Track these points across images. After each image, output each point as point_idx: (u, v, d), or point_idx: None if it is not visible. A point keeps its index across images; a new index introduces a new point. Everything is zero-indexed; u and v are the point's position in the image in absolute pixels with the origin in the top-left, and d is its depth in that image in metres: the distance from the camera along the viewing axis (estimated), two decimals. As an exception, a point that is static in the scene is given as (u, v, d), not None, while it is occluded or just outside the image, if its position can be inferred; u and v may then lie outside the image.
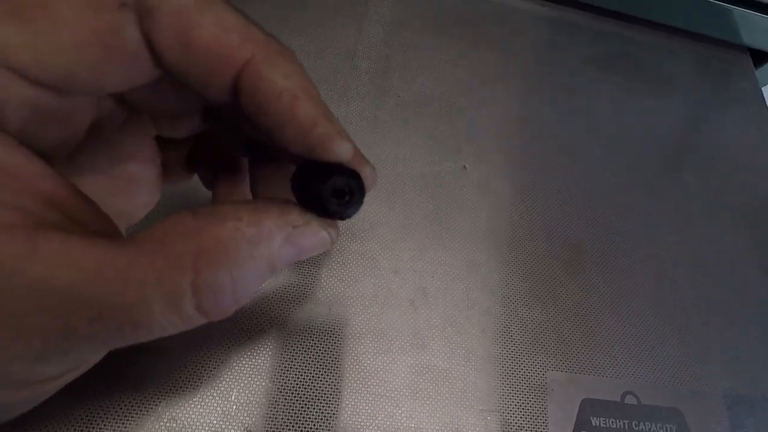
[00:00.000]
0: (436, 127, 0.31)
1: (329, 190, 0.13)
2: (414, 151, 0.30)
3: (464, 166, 0.30)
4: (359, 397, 0.23)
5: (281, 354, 0.23)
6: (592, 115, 0.35)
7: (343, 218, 0.14)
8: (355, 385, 0.23)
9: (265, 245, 0.13)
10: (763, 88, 0.41)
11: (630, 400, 0.26)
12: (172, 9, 0.12)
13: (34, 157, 0.12)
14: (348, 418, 0.22)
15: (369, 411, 0.23)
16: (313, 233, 0.14)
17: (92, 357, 0.13)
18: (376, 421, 0.23)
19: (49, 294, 0.10)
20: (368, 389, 0.23)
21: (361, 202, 0.14)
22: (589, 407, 0.26)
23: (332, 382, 0.23)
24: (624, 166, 0.34)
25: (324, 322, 0.24)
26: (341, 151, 0.13)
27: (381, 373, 0.24)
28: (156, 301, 0.11)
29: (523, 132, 0.33)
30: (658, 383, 0.27)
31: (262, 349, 0.23)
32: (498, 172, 0.31)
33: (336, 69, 0.32)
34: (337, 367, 0.23)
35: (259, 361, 0.23)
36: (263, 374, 0.22)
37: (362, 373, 0.23)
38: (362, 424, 0.22)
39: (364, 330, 0.24)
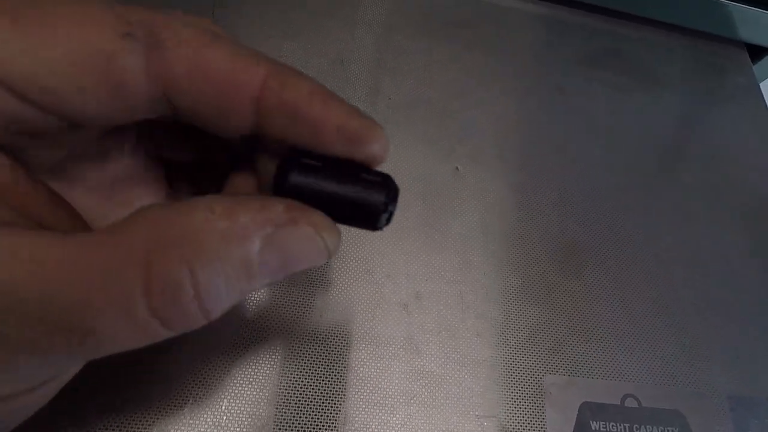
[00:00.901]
0: (428, 129, 0.31)
1: (382, 200, 0.12)
2: (406, 153, 0.30)
3: (457, 168, 0.30)
4: (352, 405, 0.23)
5: (272, 362, 0.23)
6: (586, 115, 0.35)
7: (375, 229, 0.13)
8: (347, 392, 0.23)
9: (239, 244, 0.11)
10: (761, 84, 0.41)
11: (630, 402, 0.26)
12: (183, 40, 0.12)
13: (2, 159, 0.11)
14: (341, 427, 0.22)
15: (362, 419, 0.22)
16: (303, 236, 0.12)
17: (53, 370, 0.12)
18: (370, 429, 0.22)
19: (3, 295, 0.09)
20: (361, 396, 0.23)
21: (393, 212, 0.13)
22: (588, 411, 0.25)
23: (324, 390, 0.23)
24: (620, 165, 0.33)
25: (315, 328, 0.24)
26: (381, 143, 0.13)
27: (374, 379, 0.23)
28: (103, 301, 0.10)
29: (517, 132, 0.33)
30: (659, 385, 0.26)
31: (252, 357, 0.23)
32: (491, 174, 0.30)
33: (326, 73, 0.31)
34: (329, 375, 0.23)
35: (250, 369, 0.22)
36: (254, 383, 0.22)
37: (355, 380, 0.23)
38: (355, 432, 0.22)
39: (356, 336, 0.24)
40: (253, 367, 0.22)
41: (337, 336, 0.24)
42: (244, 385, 0.22)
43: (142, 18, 0.12)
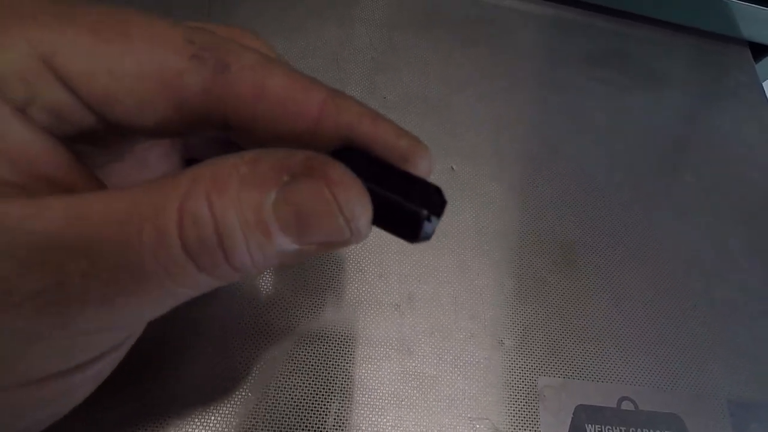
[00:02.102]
0: (423, 128, 0.31)
1: (426, 212, 0.12)
2: (401, 153, 0.30)
3: (452, 167, 0.30)
4: (343, 406, 0.22)
5: (261, 362, 0.23)
6: (586, 114, 0.35)
7: (422, 240, 0.13)
8: (338, 393, 0.23)
9: (255, 188, 0.11)
10: (763, 83, 0.40)
11: (627, 405, 0.25)
12: (246, 65, 0.12)
13: (50, 140, 0.12)
14: (330, 429, 0.22)
15: (353, 420, 0.22)
16: (313, 190, 0.11)
17: (98, 341, 0.12)
18: (360, 431, 0.22)
19: (45, 250, 0.10)
20: (352, 398, 0.23)
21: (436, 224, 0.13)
22: (583, 414, 0.25)
23: (315, 390, 0.22)
24: (620, 164, 0.33)
25: (306, 328, 0.24)
26: (427, 159, 0.13)
27: (365, 380, 0.23)
28: (149, 235, 0.10)
29: (514, 131, 0.32)
30: (656, 388, 0.26)
31: (241, 357, 0.22)
32: (487, 173, 0.30)
33: (322, 71, 0.31)
34: (319, 376, 0.23)
35: (238, 369, 0.22)
36: (243, 383, 0.22)
37: (346, 382, 0.23)
38: (345, 433, 0.22)
39: (347, 337, 0.24)
40: (242, 366, 0.22)
41: (327, 336, 0.24)
42: (232, 385, 0.22)
43: (207, 40, 0.12)
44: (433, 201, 0.13)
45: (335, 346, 0.23)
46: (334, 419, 0.22)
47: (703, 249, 0.31)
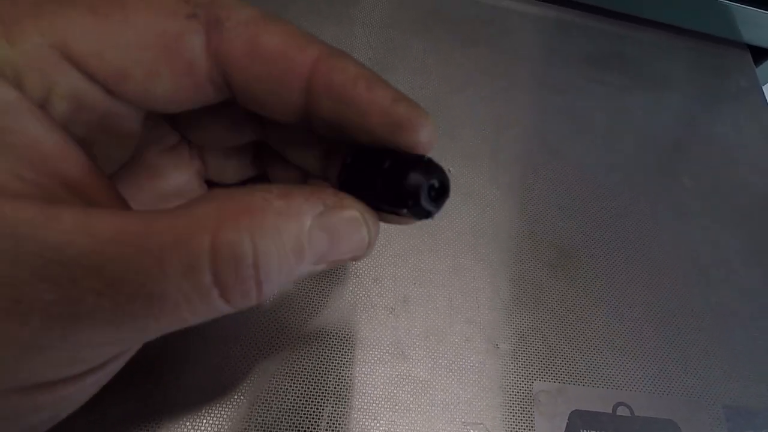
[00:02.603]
0: (421, 130, 0.31)
1: (427, 189, 0.12)
2: (397, 154, 0.29)
3: (449, 169, 0.29)
4: (336, 410, 0.22)
5: (253, 365, 0.22)
6: (585, 116, 0.34)
7: (425, 218, 0.13)
8: (331, 397, 0.22)
9: (294, 220, 0.11)
10: (763, 87, 0.40)
11: (622, 411, 0.25)
12: (241, 20, 0.12)
13: (68, 140, 0.12)
14: (323, 432, 0.22)
15: (345, 424, 0.22)
16: (350, 220, 0.12)
17: (92, 356, 0.12)
18: (352, 435, 0.22)
19: (57, 262, 0.10)
20: (344, 401, 0.22)
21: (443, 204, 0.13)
22: (578, 419, 0.24)
23: (306, 393, 0.22)
24: (618, 167, 0.33)
25: (299, 331, 0.23)
26: (427, 127, 0.12)
27: (358, 384, 0.23)
28: (172, 265, 0.10)
29: (512, 133, 0.32)
30: (652, 394, 0.26)
31: (233, 360, 0.22)
32: (484, 175, 0.30)
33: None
34: (312, 379, 0.22)
35: (231, 371, 0.22)
36: (235, 385, 0.22)
37: (339, 385, 0.23)
38: (337, 438, 0.22)
39: (341, 340, 0.24)
40: (235, 369, 0.22)
41: (321, 339, 0.23)
42: (224, 387, 0.22)
43: (203, 0, 0.12)
44: (425, 169, 0.12)
45: (329, 349, 0.23)
46: (327, 423, 0.22)
47: (701, 253, 0.31)
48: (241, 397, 0.21)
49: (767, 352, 0.28)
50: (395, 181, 0.12)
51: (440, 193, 0.13)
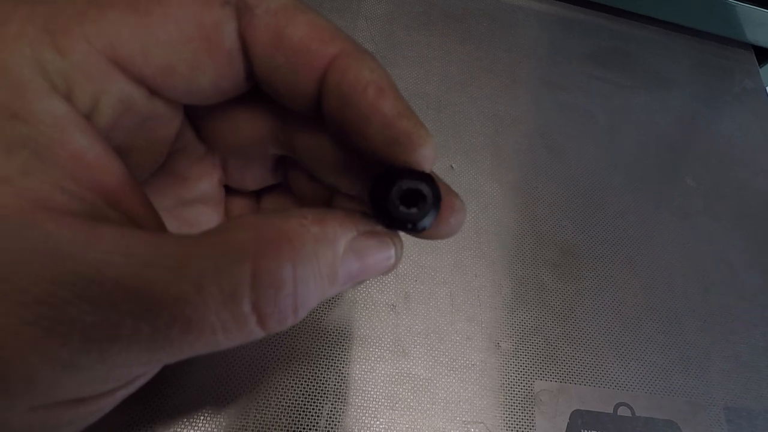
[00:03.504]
0: (423, 125, 0.30)
1: (397, 193, 0.12)
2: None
3: (451, 166, 0.29)
4: (335, 408, 0.22)
5: (253, 362, 0.22)
6: (588, 114, 0.34)
7: (414, 229, 0.12)
8: (331, 394, 0.22)
9: (330, 246, 0.12)
10: (767, 87, 0.40)
11: (623, 411, 0.25)
12: (270, 8, 0.12)
13: (110, 152, 0.12)
14: (323, 430, 0.21)
15: (345, 422, 0.22)
16: (378, 243, 0.13)
17: (126, 373, 0.12)
18: (352, 433, 0.21)
19: (98, 284, 0.10)
20: (345, 399, 0.22)
21: (435, 211, 0.12)
22: (579, 419, 0.24)
23: (307, 391, 0.22)
24: (621, 166, 0.33)
25: (299, 328, 0.23)
26: (427, 148, 0.12)
27: (359, 381, 0.23)
28: (211, 293, 0.10)
29: (514, 130, 0.32)
30: (653, 394, 0.26)
31: (232, 357, 0.22)
32: (486, 172, 0.30)
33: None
34: (311, 376, 0.22)
35: (230, 369, 0.22)
36: (234, 383, 0.21)
37: (339, 382, 0.22)
38: (337, 436, 0.21)
39: (341, 336, 0.23)
40: (233, 366, 0.22)
41: (321, 336, 0.23)
42: (223, 385, 0.21)
43: None
44: (421, 193, 0.12)
45: (329, 346, 0.23)
46: (327, 420, 0.22)
47: (703, 254, 0.31)
48: (241, 395, 0.21)
49: (767, 354, 0.28)
50: (371, 196, 0.13)
51: (416, 200, 0.12)
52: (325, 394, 0.22)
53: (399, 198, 0.12)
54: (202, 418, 0.20)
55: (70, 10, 0.11)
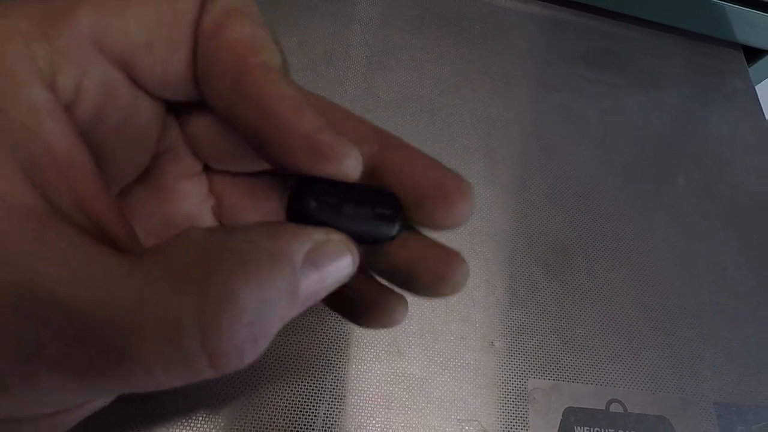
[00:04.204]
0: (417, 128, 0.31)
1: (391, 234, 0.12)
2: (394, 152, 0.29)
3: (445, 168, 0.30)
4: (331, 407, 0.22)
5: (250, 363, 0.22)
6: (579, 115, 0.35)
7: (384, 241, 0.12)
8: (327, 394, 0.22)
9: (287, 262, 0.10)
10: (756, 86, 0.41)
11: (616, 408, 0.25)
12: (225, 5, 0.13)
13: (82, 146, 0.11)
14: (320, 430, 0.22)
15: (341, 422, 0.22)
16: (336, 251, 0.12)
17: (67, 399, 0.11)
18: (348, 432, 0.22)
19: (34, 297, 0.09)
20: (341, 398, 0.22)
21: (402, 223, 0.12)
22: (572, 416, 0.25)
23: (302, 391, 0.22)
24: (612, 166, 0.33)
25: (295, 328, 0.23)
26: (351, 160, 0.12)
27: (354, 381, 0.23)
28: (151, 326, 0.09)
29: (507, 132, 0.32)
30: (645, 391, 0.26)
31: (230, 357, 0.22)
32: (479, 174, 0.30)
33: (314, 70, 0.31)
34: (307, 376, 0.23)
35: (226, 370, 0.22)
36: (230, 383, 0.22)
37: (335, 382, 0.23)
38: (333, 435, 0.22)
39: (337, 337, 0.24)
40: (231, 368, 0.22)
41: (316, 336, 0.23)
42: (220, 385, 0.22)
43: None
44: (396, 220, 0.13)
45: (325, 347, 0.23)
46: (323, 420, 0.22)
47: (694, 253, 0.31)
48: (238, 395, 0.22)
49: (757, 351, 0.29)
50: (367, 233, 0.12)
51: (393, 213, 0.12)
52: (321, 394, 0.22)
53: (372, 214, 0.12)
54: (200, 418, 0.21)
55: (63, 4, 0.11)
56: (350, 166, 0.12)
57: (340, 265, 0.12)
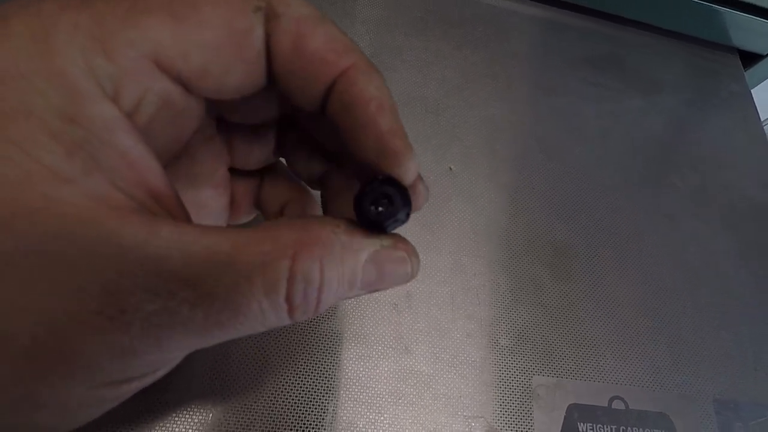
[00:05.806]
0: (422, 129, 0.31)
1: (369, 197, 0.13)
2: (399, 152, 0.30)
3: (450, 168, 0.30)
4: (339, 404, 0.22)
5: (257, 360, 0.23)
6: (579, 117, 0.35)
7: (381, 229, 0.14)
8: (335, 391, 0.23)
9: (354, 255, 0.13)
10: (752, 90, 0.41)
11: (618, 405, 0.26)
12: (294, 16, 0.13)
13: (150, 151, 0.13)
14: (328, 426, 0.22)
15: (349, 418, 0.22)
16: (397, 259, 0.14)
17: (173, 357, 0.13)
18: (357, 429, 0.22)
19: (158, 276, 0.11)
20: (349, 395, 0.23)
21: (402, 214, 0.14)
22: (576, 413, 0.25)
23: (311, 388, 0.23)
24: (612, 168, 0.34)
25: (303, 326, 0.24)
26: (410, 166, 0.14)
27: (362, 378, 0.23)
28: (257, 284, 0.12)
29: (510, 133, 0.33)
30: (646, 388, 0.27)
31: (237, 354, 0.22)
32: (483, 174, 0.30)
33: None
34: (316, 373, 0.23)
35: (235, 367, 0.22)
36: (239, 380, 0.22)
37: (343, 379, 0.23)
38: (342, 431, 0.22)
39: (345, 335, 0.24)
40: (238, 364, 0.22)
41: (325, 334, 0.24)
42: (228, 383, 0.22)
43: None
44: (389, 197, 0.14)
45: (333, 344, 0.24)
46: (332, 417, 0.22)
47: (692, 253, 0.32)
48: (248, 392, 0.22)
49: (754, 349, 0.29)
50: (354, 205, 0.14)
51: (390, 204, 0.14)
52: (330, 390, 0.23)
53: (371, 201, 0.14)
54: (210, 414, 0.21)
55: (112, 17, 0.12)
56: (409, 170, 0.14)
57: (399, 271, 0.14)
